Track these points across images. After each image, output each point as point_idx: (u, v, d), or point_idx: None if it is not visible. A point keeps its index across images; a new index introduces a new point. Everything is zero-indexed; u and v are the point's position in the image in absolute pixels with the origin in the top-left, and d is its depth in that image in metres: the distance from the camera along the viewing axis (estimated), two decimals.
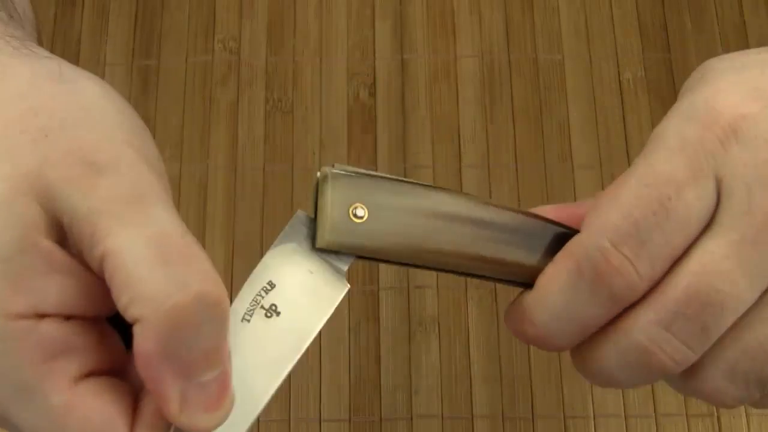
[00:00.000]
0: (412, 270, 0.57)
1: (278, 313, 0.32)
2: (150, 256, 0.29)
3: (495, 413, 0.55)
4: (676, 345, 0.32)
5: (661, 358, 0.32)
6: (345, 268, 0.33)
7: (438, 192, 0.34)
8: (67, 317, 0.30)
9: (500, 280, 0.35)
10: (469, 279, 0.57)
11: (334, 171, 0.34)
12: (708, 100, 0.33)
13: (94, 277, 0.30)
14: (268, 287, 0.33)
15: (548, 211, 0.36)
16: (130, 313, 0.29)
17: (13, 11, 0.37)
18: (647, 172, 0.32)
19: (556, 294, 0.33)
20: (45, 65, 0.32)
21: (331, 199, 0.33)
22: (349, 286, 0.33)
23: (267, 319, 0.32)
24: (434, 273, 0.57)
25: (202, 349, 0.29)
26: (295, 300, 0.33)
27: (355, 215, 0.33)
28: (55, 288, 0.30)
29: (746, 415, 0.55)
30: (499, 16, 0.64)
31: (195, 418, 0.30)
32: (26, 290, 0.29)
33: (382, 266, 0.57)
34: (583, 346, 0.34)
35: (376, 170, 0.60)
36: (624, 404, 0.55)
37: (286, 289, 0.33)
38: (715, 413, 0.55)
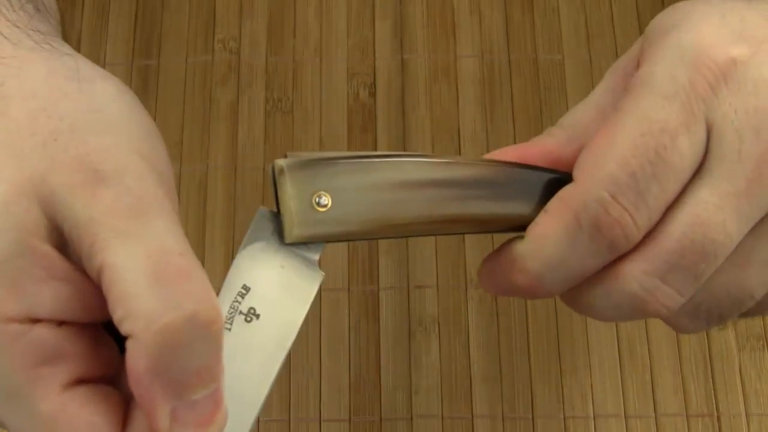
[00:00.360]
0: (412, 270, 0.58)
1: (257, 316, 0.32)
2: (145, 273, 0.28)
3: (495, 413, 0.55)
4: (668, 293, 0.32)
5: (653, 305, 0.33)
6: (316, 257, 0.33)
7: (398, 161, 0.33)
8: (61, 323, 0.30)
9: (480, 232, 0.35)
10: (469, 279, 0.57)
11: (289, 162, 0.33)
12: (697, 43, 0.32)
13: (92, 285, 0.30)
14: (243, 291, 0.32)
15: (507, 152, 0.36)
16: (123, 328, 0.29)
17: (41, 5, 0.37)
18: (642, 121, 0.32)
19: (552, 245, 0.33)
20: (63, 63, 0.32)
21: (291, 192, 0.32)
22: (323, 273, 0.33)
23: (247, 323, 0.32)
24: (434, 273, 0.57)
25: (195, 368, 0.29)
26: (272, 299, 0.32)
27: (318, 204, 0.32)
28: (51, 293, 0.29)
29: (746, 415, 0.55)
30: (499, 16, 0.64)
31: None
32: (21, 294, 0.29)
33: (382, 266, 0.57)
34: (574, 289, 0.34)
35: None
36: (624, 404, 0.55)
37: (261, 289, 0.32)
38: (715, 413, 0.55)
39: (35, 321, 0.29)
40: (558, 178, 0.34)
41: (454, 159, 0.34)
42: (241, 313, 0.32)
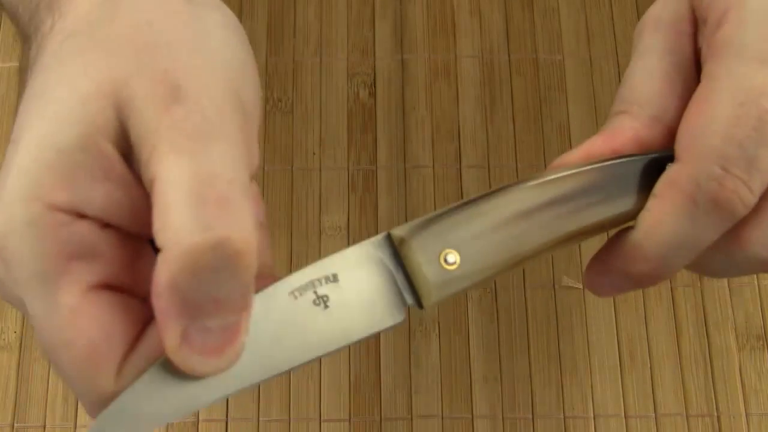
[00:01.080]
0: None
1: (326, 306, 0.32)
2: (189, 191, 0.29)
3: (495, 413, 0.55)
4: None
5: None
6: (410, 301, 0.33)
7: (507, 194, 0.33)
8: (106, 225, 0.31)
9: (595, 235, 0.35)
10: None
11: (406, 230, 0.33)
12: None
13: (144, 196, 0.30)
14: (331, 278, 0.32)
15: (596, 144, 0.35)
16: (157, 240, 0.29)
17: None
18: (740, 89, 0.32)
19: (671, 228, 0.33)
20: None
21: (419, 259, 0.32)
22: (404, 318, 0.32)
23: (314, 306, 0.32)
24: None
25: (213, 295, 0.29)
26: (348, 304, 0.32)
27: (447, 262, 0.32)
28: (103, 193, 0.30)
29: (746, 415, 0.55)
30: (499, 16, 0.64)
31: (190, 359, 0.29)
32: (74, 186, 0.30)
33: None
34: (693, 261, 0.34)
35: (376, 169, 0.60)
36: (624, 404, 0.55)
37: (346, 289, 0.32)
38: (715, 413, 0.55)
39: (81, 216, 0.30)
40: (654, 159, 0.34)
41: (556, 174, 0.34)
42: (315, 293, 0.32)
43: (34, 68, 0.32)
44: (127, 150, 0.31)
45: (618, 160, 0.34)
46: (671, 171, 0.33)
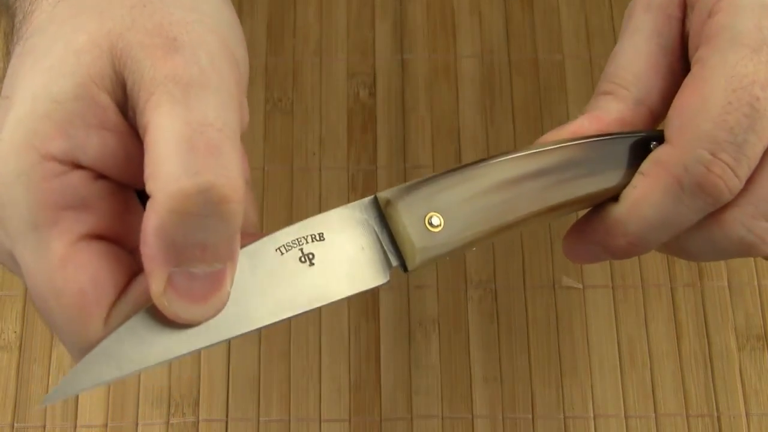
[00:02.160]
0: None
1: (312, 264, 0.32)
2: (179, 138, 0.29)
3: (495, 413, 0.55)
4: None
5: (761, 247, 0.34)
6: (396, 263, 0.33)
7: (495, 162, 0.34)
8: (99, 177, 0.31)
9: (581, 209, 0.36)
10: (468, 279, 0.57)
11: (393, 193, 0.33)
12: None
13: (139, 146, 0.31)
14: (318, 237, 0.33)
15: (584, 125, 0.36)
16: (147, 187, 0.30)
17: None
18: (733, 76, 0.32)
19: (654, 206, 0.33)
20: None
21: (404, 221, 0.33)
22: (389, 279, 0.33)
23: (300, 263, 0.32)
24: (434, 273, 0.57)
25: (199, 241, 0.29)
26: (334, 263, 0.33)
27: (431, 225, 0.33)
28: (98, 142, 0.31)
29: (746, 415, 0.55)
30: (499, 16, 0.64)
31: (175, 304, 0.30)
32: (69, 136, 0.30)
33: None
34: (671, 241, 0.35)
35: (376, 169, 0.60)
36: (624, 404, 0.55)
37: (331, 248, 0.33)
38: (715, 413, 0.55)
39: (76, 166, 0.31)
40: (642, 138, 0.35)
41: (545, 147, 0.35)
42: (301, 251, 0.32)
43: (22, 33, 0.33)
44: (122, 100, 0.31)
45: (606, 137, 0.35)
46: (660, 151, 0.34)
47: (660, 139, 0.34)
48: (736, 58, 0.33)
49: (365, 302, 0.57)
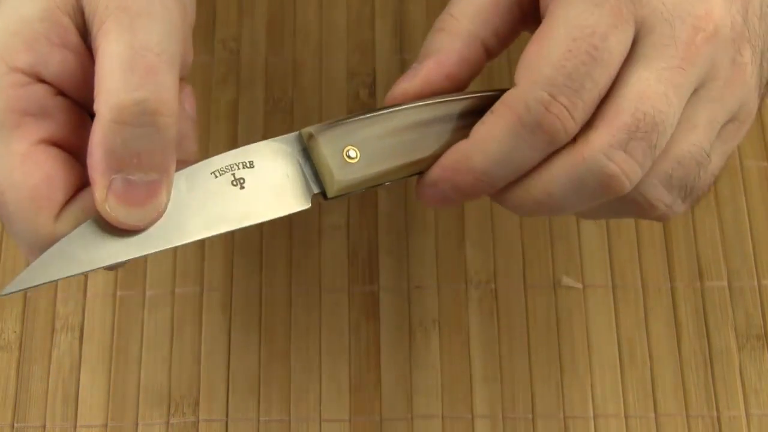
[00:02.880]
0: (411, 270, 0.58)
1: (242, 187, 0.37)
2: (122, 59, 0.34)
3: (495, 413, 0.55)
4: (630, 163, 0.36)
5: (619, 178, 0.36)
6: (316, 191, 0.38)
7: (406, 108, 0.38)
8: (59, 93, 0.36)
9: None
10: (469, 279, 0.57)
11: (316, 128, 0.38)
12: None
13: (93, 68, 0.35)
14: (248, 165, 0.37)
15: (434, 73, 0.40)
16: (94, 105, 0.34)
17: None
18: (574, 27, 0.36)
19: (497, 142, 0.36)
20: None
21: (324, 152, 0.37)
22: (310, 205, 0.38)
23: (231, 186, 0.37)
24: (434, 273, 0.58)
25: (136, 149, 0.34)
26: (261, 188, 0.37)
27: (349, 156, 0.38)
28: (60, 60, 0.35)
29: (746, 416, 0.55)
30: None
31: (116, 209, 0.34)
32: (34, 51, 0.35)
33: (382, 266, 0.57)
34: (519, 183, 0.38)
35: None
36: (624, 404, 0.55)
37: (260, 174, 0.37)
38: (715, 413, 0.55)
39: (39, 80, 0.35)
40: None
41: (452, 96, 0.39)
42: (233, 175, 0.37)
43: None
44: (81, 25, 0.36)
45: (498, 91, 0.38)
46: (508, 92, 0.37)
47: None
48: (577, 11, 0.36)
49: (365, 302, 0.57)
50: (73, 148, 0.36)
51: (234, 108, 0.61)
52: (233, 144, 0.60)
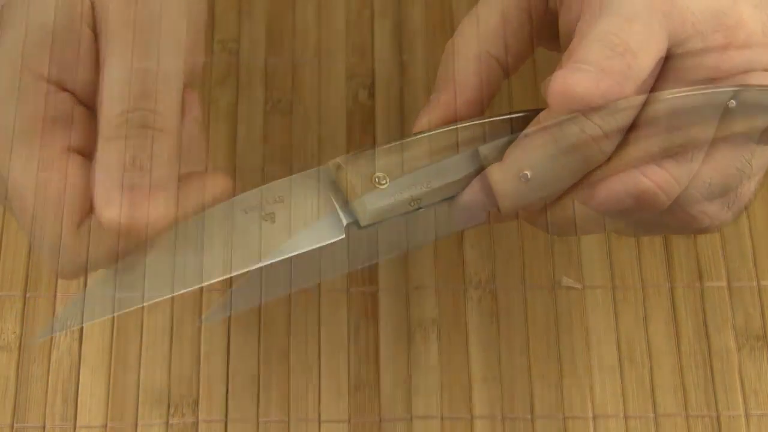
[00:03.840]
0: (411, 271, 0.58)
1: (274, 222, 0.37)
2: (122, 79, 0.35)
3: (495, 413, 0.55)
4: (666, 178, 0.36)
5: (655, 193, 0.36)
6: (346, 221, 0.38)
7: (429, 135, 0.39)
8: (80, 102, 0.37)
9: None
10: (468, 280, 0.57)
11: (343, 159, 0.38)
12: None
13: None
14: (278, 199, 0.37)
15: (450, 103, 0.41)
16: (97, 119, 0.36)
17: None
18: (606, 46, 0.35)
19: (531, 165, 0.37)
20: None
21: (354, 180, 0.38)
22: (344, 236, 0.38)
23: (262, 221, 0.37)
24: (433, 273, 0.57)
25: (136, 163, 0.35)
26: (293, 221, 0.37)
27: (378, 183, 0.38)
28: (82, 69, 0.36)
29: (746, 416, 0.55)
30: None
31: (115, 222, 0.35)
32: (61, 63, 0.36)
33: (381, 267, 0.57)
34: (555, 203, 0.38)
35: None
36: (624, 404, 0.55)
37: (291, 208, 0.37)
38: (715, 413, 0.55)
39: (63, 89, 0.36)
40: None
41: (479, 120, 0.39)
42: (263, 210, 0.37)
43: None
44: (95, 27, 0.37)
45: (530, 112, 0.39)
46: (541, 114, 0.37)
47: None
48: (609, 28, 0.36)
49: (364, 303, 0.57)
50: (89, 153, 0.37)
51: (233, 109, 0.61)
52: (233, 145, 0.60)
